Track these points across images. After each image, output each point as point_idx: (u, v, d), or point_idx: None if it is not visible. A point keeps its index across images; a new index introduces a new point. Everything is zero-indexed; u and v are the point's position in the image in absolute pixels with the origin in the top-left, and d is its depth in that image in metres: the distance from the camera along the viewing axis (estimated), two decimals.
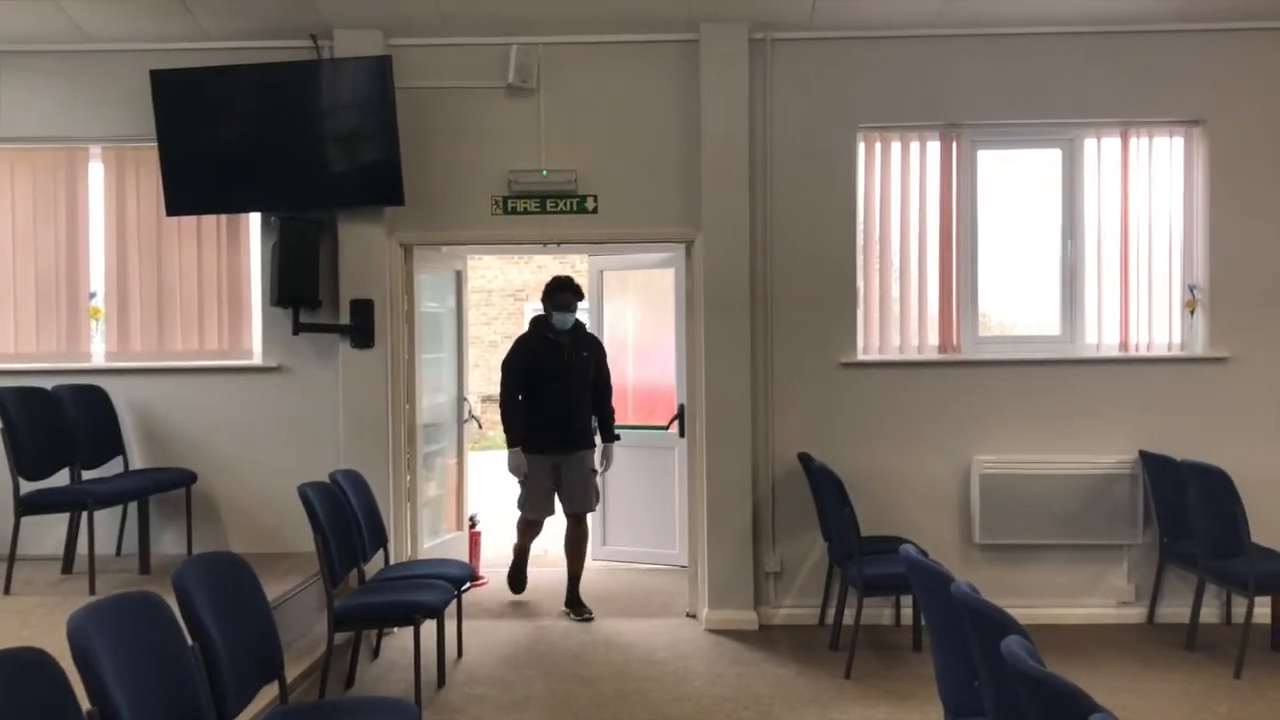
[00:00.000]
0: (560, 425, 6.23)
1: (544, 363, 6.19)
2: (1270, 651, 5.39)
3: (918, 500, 6.05)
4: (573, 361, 6.24)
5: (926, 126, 6.10)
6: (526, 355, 6.24)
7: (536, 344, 6.26)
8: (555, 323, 6.26)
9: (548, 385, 6.17)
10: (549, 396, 6.18)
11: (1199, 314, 6.05)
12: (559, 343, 6.22)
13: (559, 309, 6.24)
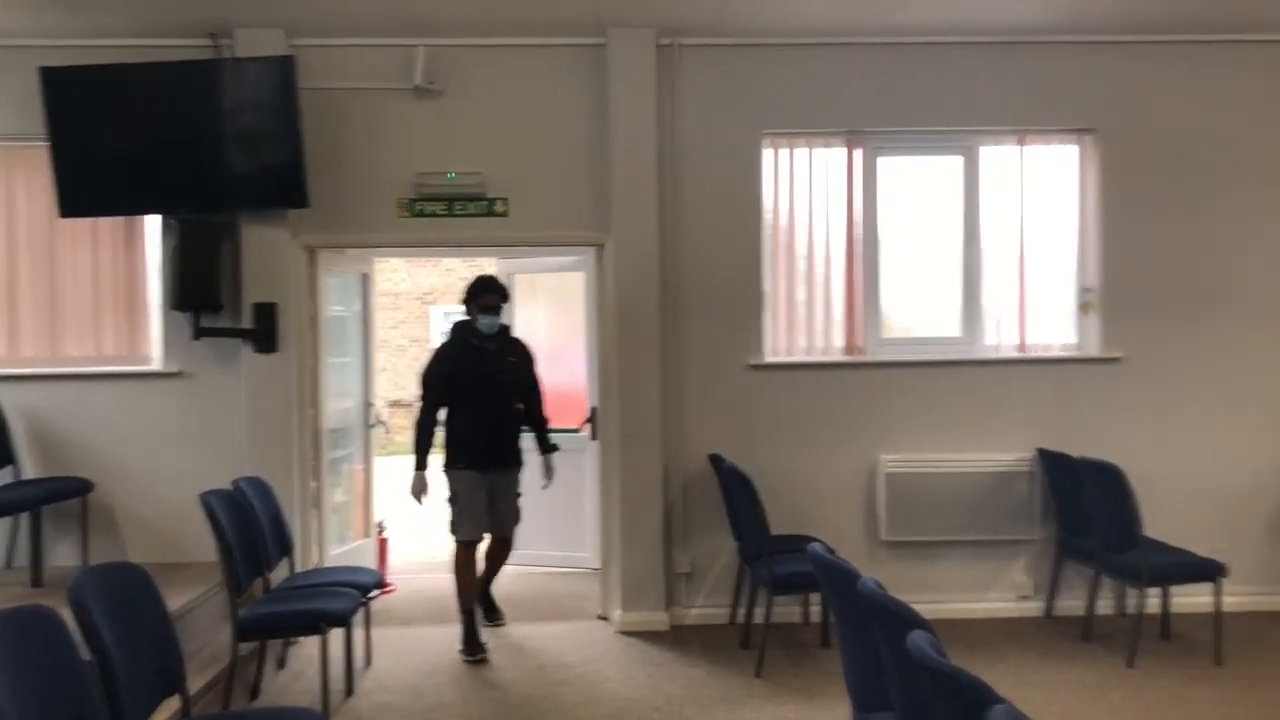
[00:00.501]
0: (492, 438, 5.73)
1: (469, 371, 5.69)
2: (1161, 641, 5.59)
3: (826, 499, 6.14)
4: (501, 368, 5.77)
5: (830, 133, 6.20)
6: (448, 364, 5.74)
7: (460, 351, 5.77)
8: (481, 327, 5.77)
9: (475, 395, 5.67)
10: (477, 408, 5.68)
11: (1093, 316, 6.25)
12: (484, 349, 5.76)
13: (484, 311, 5.75)
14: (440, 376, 5.73)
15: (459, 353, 5.78)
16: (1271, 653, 5.41)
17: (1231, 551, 5.75)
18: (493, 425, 5.75)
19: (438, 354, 5.88)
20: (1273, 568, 6.21)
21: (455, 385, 5.69)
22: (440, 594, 6.65)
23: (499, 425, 5.77)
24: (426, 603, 6.65)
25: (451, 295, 18.88)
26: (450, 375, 5.71)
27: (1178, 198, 6.19)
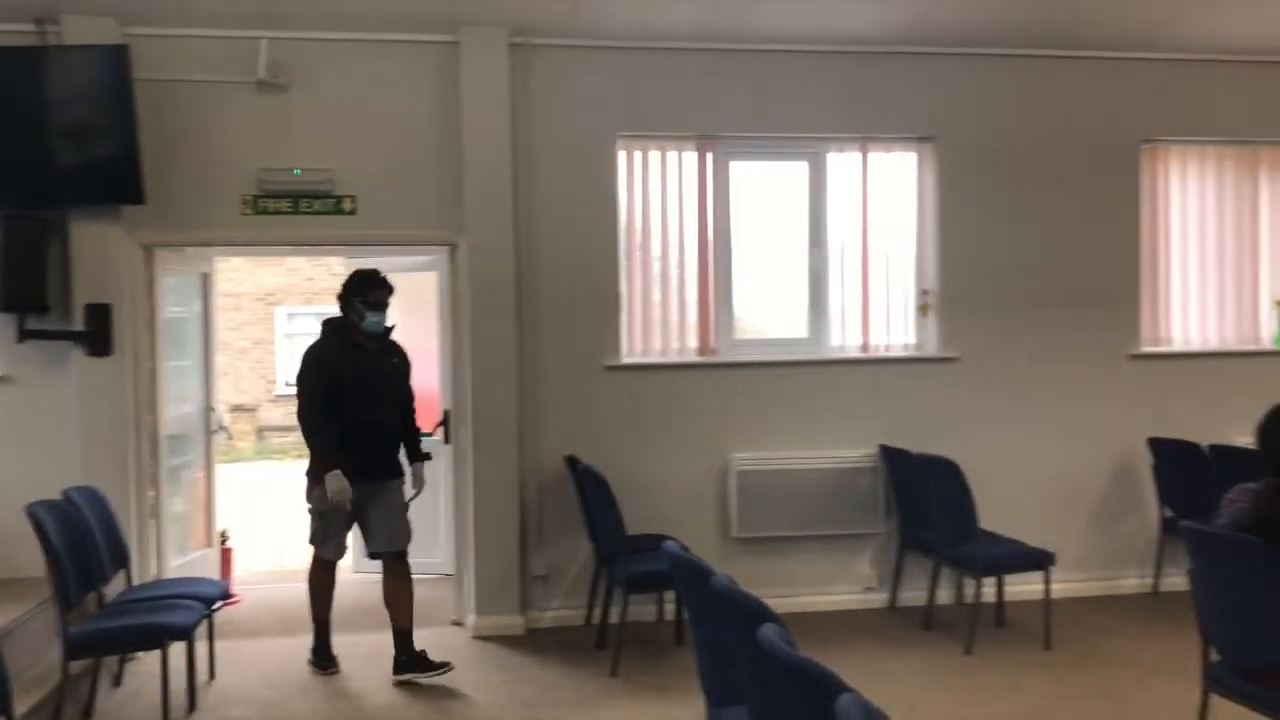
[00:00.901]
0: (373, 448, 5.24)
1: (351, 373, 5.17)
2: (996, 628, 5.86)
3: (680, 498, 6.22)
4: (384, 371, 5.31)
5: (683, 137, 6.29)
6: (328, 365, 5.18)
7: (340, 351, 5.23)
8: (366, 326, 5.23)
9: (356, 400, 5.16)
10: (358, 414, 5.16)
11: (931, 317, 6.51)
12: (367, 349, 5.27)
13: (373, 309, 5.22)
14: (320, 377, 5.18)
15: (340, 353, 5.24)
16: (1096, 635, 5.73)
17: (1059, 541, 6.05)
18: (375, 432, 5.28)
19: (315, 355, 5.28)
20: (1096, 556, 6.58)
21: (337, 389, 5.14)
22: (288, 603, 6.46)
23: (382, 432, 5.31)
24: (273, 613, 6.45)
25: (297, 295, 18.36)
26: (331, 377, 5.17)
27: (1008, 203, 6.50)
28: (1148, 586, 6.57)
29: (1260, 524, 3.53)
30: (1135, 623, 5.96)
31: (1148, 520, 6.60)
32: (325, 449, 5.14)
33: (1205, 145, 6.77)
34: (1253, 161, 6.83)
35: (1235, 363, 6.71)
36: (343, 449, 5.13)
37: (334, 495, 5.09)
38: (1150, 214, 6.72)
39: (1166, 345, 6.77)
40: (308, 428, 5.21)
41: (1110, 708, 4.69)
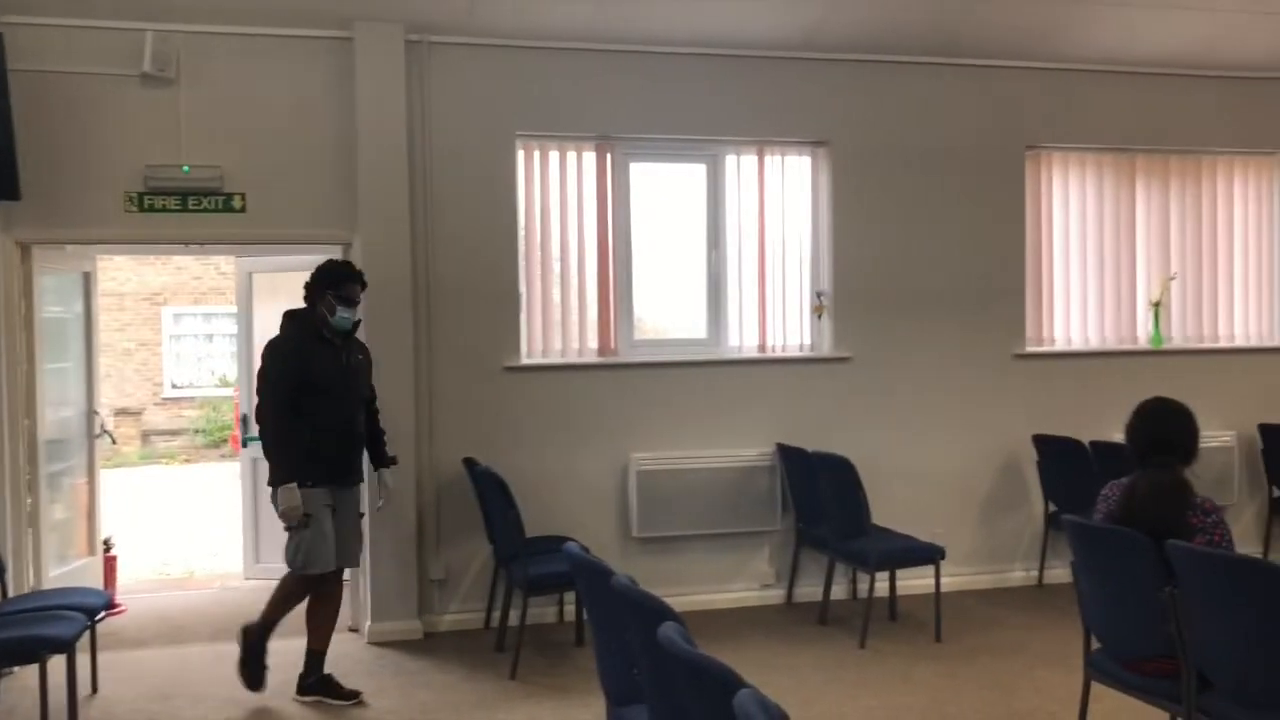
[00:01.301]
0: (343, 450, 4.97)
1: (319, 370, 4.84)
2: (889, 621, 5.99)
3: (581, 499, 6.21)
4: (352, 368, 5.00)
5: (582, 137, 6.29)
6: (299, 361, 4.82)
7: (309, 347, 4.87)
8: (336, 322, 4.90)
9: (329, 400, 4.85)
10: (332, 414, 4.88)
11: (825, 318, 6.63)
12: (334, 344, 4.94)
13: (345, 303, 4.90)
14: (289, 376, 4.79)
15: (310, 349, 4.87)
16: (983, 627, 5.90)
17: (949, 536, 6.24)
18: (348, 434, 4.99)
19: (282, 350, 4.86)
20: (984, 550, 6.78)
21: (306, 387, 4.80)
22: (175, 612, 6.27)
23: (353, 434, 5.03)
24: (159, 623, 6.25)
25: (184, 295, 17.83)
26: (299, 374, 4.80)
27: (900, 206, 6.65)
28: (1033, 579, 6.79)
29: (1130, 517, 3.68)
30: (1022, 614, 6.16)
31: (1033, 515, 6.82)
32: (287, 457, 4.76)
33: (1085, 152, 7.03)
34: (1129, 168, 7.12)
35: (1114, 362, 6.98)
36: (312, 453, 4.81)
37: (284, 513, 4.75)
38: (1034, 218, 6.95)
39: (1050, 345, 7.01)
40: (271, 431, 4.81)
41: (998, 697, 4.84)
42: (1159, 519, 3.58)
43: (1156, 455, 3.71)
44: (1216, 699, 3.39)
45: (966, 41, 6.50)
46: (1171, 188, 7.20)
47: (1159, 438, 3.73)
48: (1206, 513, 3.60)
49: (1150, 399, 3.87)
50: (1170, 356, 7.07)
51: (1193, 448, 3.75)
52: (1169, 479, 3.66)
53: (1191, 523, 3.57)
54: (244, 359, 7.38)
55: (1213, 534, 3.55)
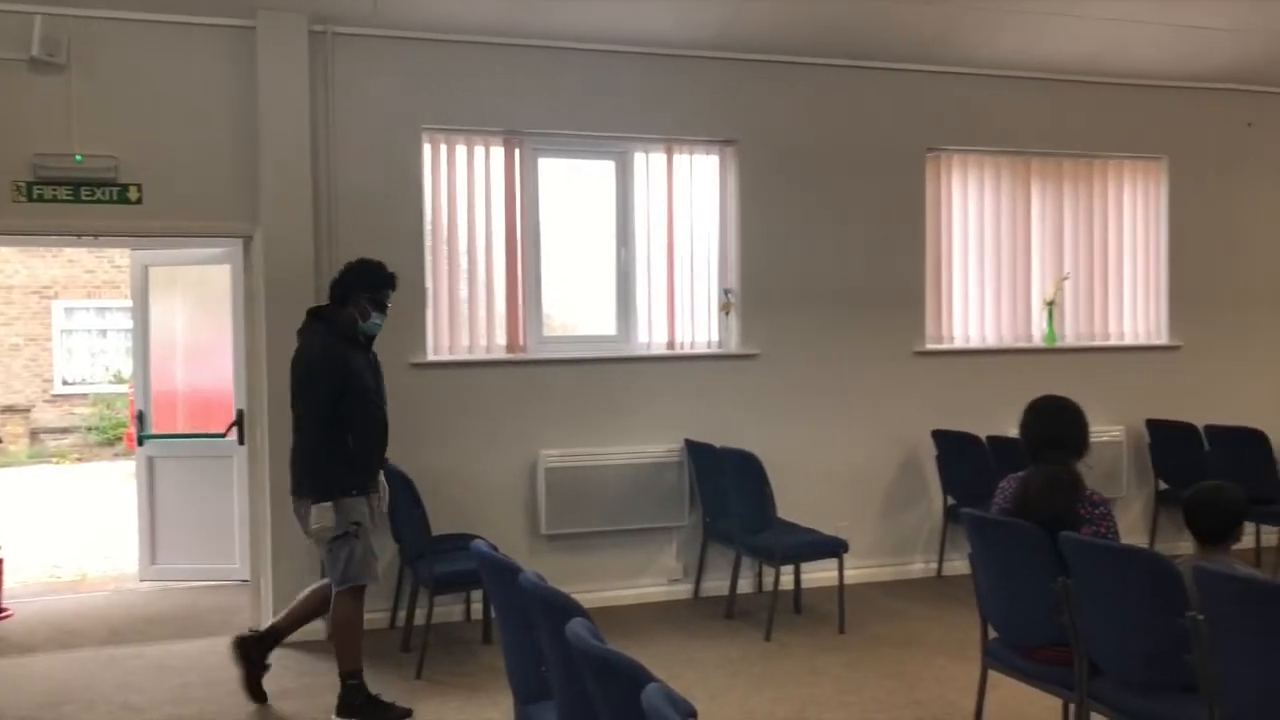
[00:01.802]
0: (380, 455, 4.88)
1: (358, 376, 4.68)
2: (794, 614, 6.08)
3: (489, 497, 6.18)
4: (378, 371, 4.92)
5: (490, 132, 6.24)
6: (343, 366, 4.63)
7: (348, 352, 4.68)
8: (366, 327, 4.78)
9: (362, 405, 4.68)
10: (366, 420, 4.72)
11: (733, 315, 6.69)
12: (364, 347, 4.82)
13: (379, 308, 4.81)
14: (335, 381, 4.59)
15: (348, 354, 4.70)
16: (886, 618, 6.02)
17: (852, 529, 6.35)
18: (383, 438, 4.89)
19: (329, 356, 4.62)
20: (886, 542, 6.92)
21: (347, 393, 4.62)
22: (65, 617, 6.06)
23: (386, 438, 4.91)
24: (49, 628, 6.04)
25: (76, 289, 17.23)
26: (345, 382, 4.62)
27: (806, 206, 6.74)
28: (933, 571, 6.96)
29: (1024, 510, 3.80)
30: (922, 605, 6.30)
31: (932, 508, 6.99)
32: (329, 472, 4.57)
33: (983, 154, 7.22)
34: (1025, 171, 7.33)
35: (1010, 359, 7.19)
36: (354, 461, 4.65)
37: (319, 529, 4.55)
38: (934, 218, 7.11)
39: (949, 343, 7.18)
40: (314, 443, 4.60)
41: (899, 686, 4.95)
42: (1051, 511, 3.71)
43: (1048, 450, 3.84)
44: (1106, 684, 3.52)
45: (870, 44, 6.62)
46: (1065, 190, 7.43)
47: (1050, 434, 3.85)
48: (1095, 504, 3.74)
49: (1042, 396, 4.00)
50: (1063, 354, 7.31)
51: (1082, 443, 3.88)
52: (1060, 473, 3.79)
53: (1081, 514, 3.71)
54: (140, 355, 7.18)
55: (1099, 525, 3.69)
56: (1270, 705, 2.92)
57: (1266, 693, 2.91)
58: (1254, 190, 7.74)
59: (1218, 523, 3.65)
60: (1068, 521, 3.66)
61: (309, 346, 4.71)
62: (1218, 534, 3.65)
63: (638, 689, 2.10)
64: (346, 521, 4.60)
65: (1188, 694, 3.16)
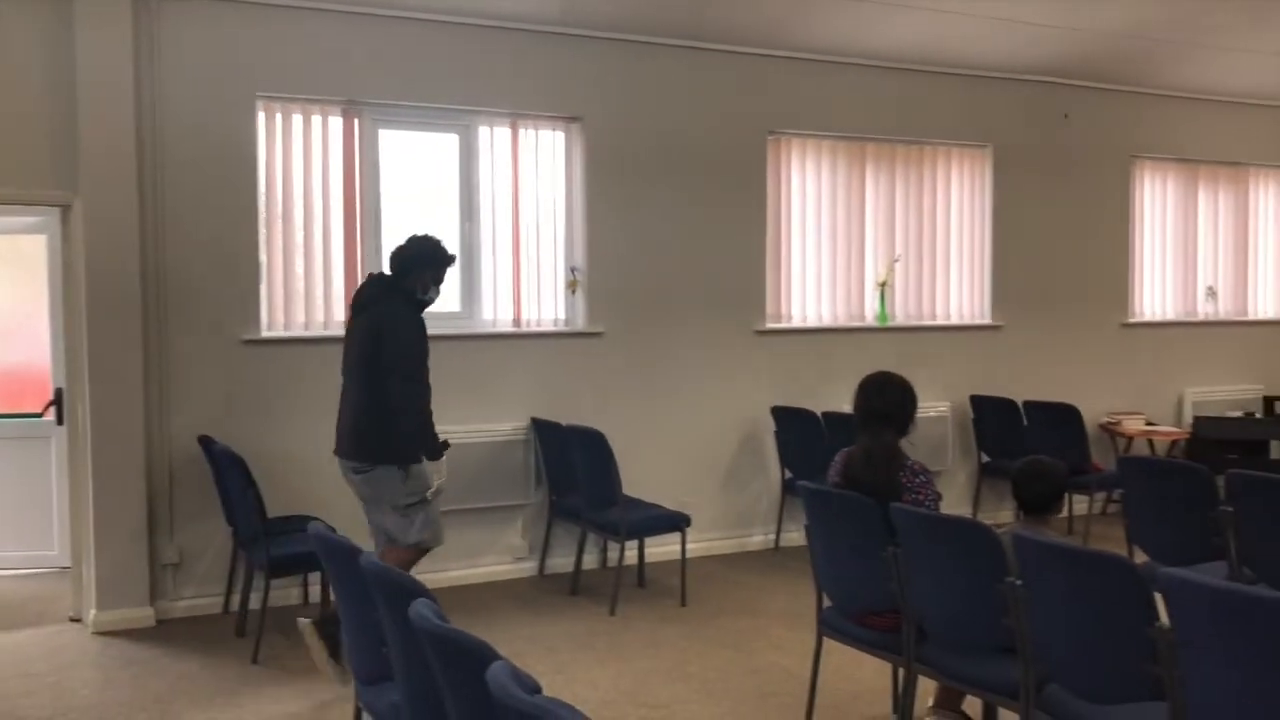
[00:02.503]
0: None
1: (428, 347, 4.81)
2: (638, 588, 6.16)
3: (326, 477, 5.97)
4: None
5: (328, 102, 6.06)
6: (425, 337, 4.74)
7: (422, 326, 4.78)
8: (425, 298, 4.85)
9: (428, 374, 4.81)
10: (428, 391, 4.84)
11: (579, 293, 6.70)
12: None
13: (438, 283, 4.88)
14: (426, 350, 4.72)
15: (422, 323, 4.79)
16: (725, 589, 6.17)
17: (695, 504, 6.47)
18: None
19: (413, 321, 4.73)
20: (727, 516, 7.08)
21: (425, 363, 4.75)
22: None
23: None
24: None
25: None
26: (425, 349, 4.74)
27: (650, 185, 6.80)
28: (771, 543, 7.16)
29: (852, 482, 3.96)
30: (760, 576, 6.48)
31: (771, 482, 7.18)
32: (434, 435, 4.76)
33: (821, 139, 7.41)
34: (860, 155, 7.57)
35: (845, 338, 7.43)
36: (429, 427, 4.77)
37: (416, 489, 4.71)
38: (775, 201, 7.27)
39: (788, 322, 7.37)
40: (420, 409, 4.68)
41: (739, 656, 5.08)
42: (874, 482, 3.87)
43: (874, 424, 3.99)
44: (933, 648, 3.70)
45: (713, 27, 6.70)
46: (897, 175, 7.71)
47: (877, 408, 4.01)
48: (916, 474, 3.92)
49: (874, 373, 4.16)
50: (894, 333, 7.60)
51: (907, 417, 4.05)
52: (877, 446, 3.95)
53: (903, 483, 3.88)
54: None
55: (919, 493, 3.87)
56: (1078, 660, 3.13)
57: (1076, 649, 3.12)
58: (1069, 179, 8.20)
59: (1042, 495, 3.87)
60: (891, 492, 3.82)
61: (397, 315, 4.72)
62: (1042, 505, 3.87)
63: (482, 667, 2.09)
64: (421, 488, 4.72)
65: (1006, 654, 3.35)
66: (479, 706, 2.17)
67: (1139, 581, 2.94)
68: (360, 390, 4.74)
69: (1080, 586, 3.09)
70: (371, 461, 4.70)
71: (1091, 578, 3.07)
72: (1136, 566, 3.07)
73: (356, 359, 4.77)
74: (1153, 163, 8.64)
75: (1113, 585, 2.99)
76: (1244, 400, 8.63)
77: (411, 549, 4.81)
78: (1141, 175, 8.61)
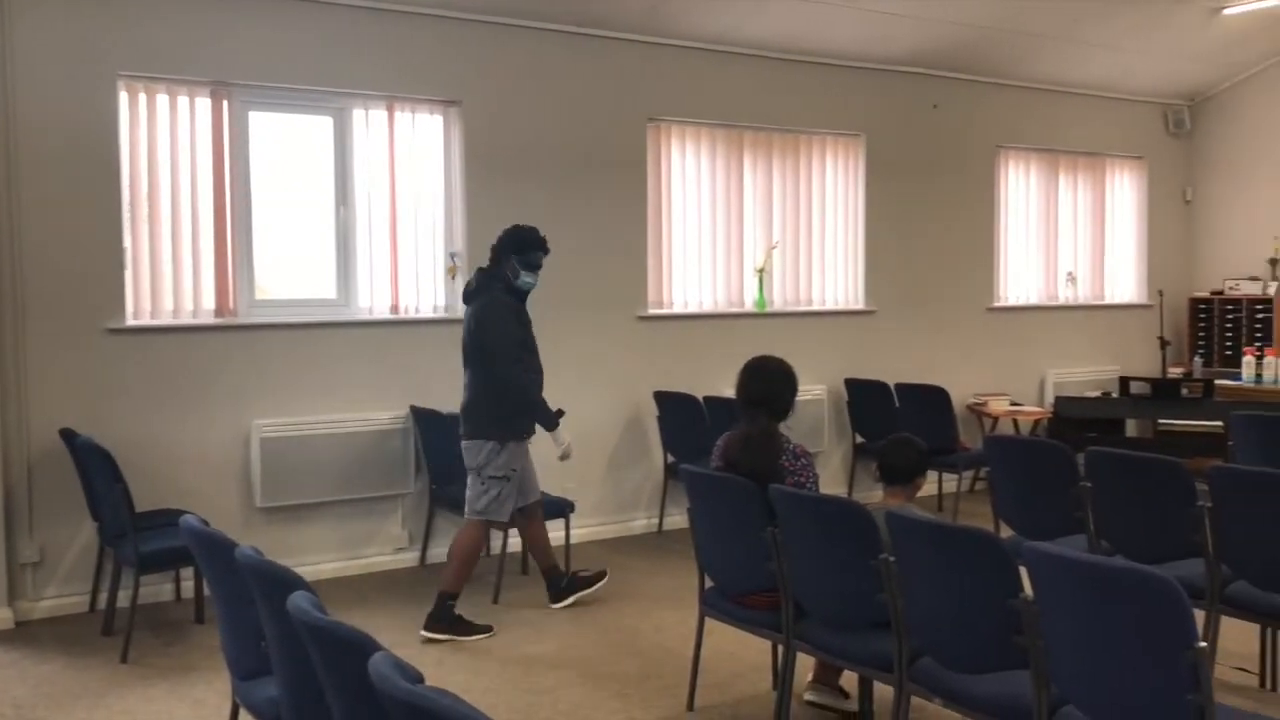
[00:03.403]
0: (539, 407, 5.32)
1: (528, 330, 5.31)
2: (521, 575, 6.16)
3: (199, 469, 5.85)
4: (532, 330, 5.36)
5: (195, 82, 5.86)
6: (517, 325, 5.22)
7: (518, 308, 5.28)
8: (520, 284, 5.26)
9: (530, 357, 5.29)
10: (533, 371, 5.30)
11: (459, 279, 6.62)
12: (522, 308, 5.32)
13: (529, 269, 5.27)
14: (518, 333, 5.23)
15: (518, 310, 5.28)
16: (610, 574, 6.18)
17: (578, 490, 6.49)
18: (541, 389, 5.35)
19: (505, 312, 5.19)
20: (611, 501, 7.12)
21: (522, 346, 5.24)
22: None
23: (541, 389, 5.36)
24: None
25: None
26: (521, 334, 5.25)
27: (531, 170, 6.76)
28: (654, 526, 7.23)
29: (732, 465, 4.03)
30: (644, 560, 6.54)
31: (654, 467, 7.24)
32: (543, 403, 5.29)
33: (700, 126, 7.48)
34: (739, 143, 7.67)
35: (724, 323, 7.54)
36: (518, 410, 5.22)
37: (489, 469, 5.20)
38: (655, 187, 7.32)
39: (669, 308, 7.44)
40: (522, 386, 5.19)
41: (623, 639, 5.12)
42: (754, 465, 3.94)
43: (753, 409, 4.07)
44: (811, 625, 3.79)
45: (594, 13, 6.70)
46: (775, 163, 7.84)
47: (755, 394, 4.09)
48: (797, 457, 4.01)
49: (754, 358, 4.23)
50: (772, 319, 7.74)
51: (786, 403, 4.14)
52: (754, 431, 4.03)
53: (785, 466, 3.96)
54: None
55: (800, 476, 3.96)
56: (947, 633, 3.25)
57: (946, 621, 3.24)
58: (939, 168, 8.45)
59: (902, 468, 4.05)
60: (771, 474, 3.90)
61: (491, 304, 5.20)
62: (904, 478, 4.03)
63: (364, 658, 2.07)
64: (509, 465, 5.20)
65: (881, 629, 3.45)
66: (361, 698, 2.15)
67: (1004, 555, 3.07)
68: (471, 374, 5.29)
69: (949, 562, 3.21)
70: (475, 436, 5.22)
71: (960, 553, 3.19)
72: (1002, 541, 3.19)
73: (466, 346, 5.31)
74: (1016, 152, 8.97)
75: (980, 560, 3.12)
76: (1102, 381, 9.05)
77: (477, 521, 5.28)
78: (1006, 165, 8.94)
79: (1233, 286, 9.39)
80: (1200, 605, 3.89)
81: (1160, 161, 9.73)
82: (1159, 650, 2.65)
